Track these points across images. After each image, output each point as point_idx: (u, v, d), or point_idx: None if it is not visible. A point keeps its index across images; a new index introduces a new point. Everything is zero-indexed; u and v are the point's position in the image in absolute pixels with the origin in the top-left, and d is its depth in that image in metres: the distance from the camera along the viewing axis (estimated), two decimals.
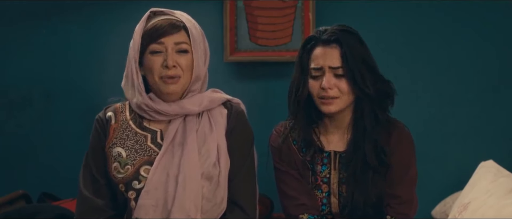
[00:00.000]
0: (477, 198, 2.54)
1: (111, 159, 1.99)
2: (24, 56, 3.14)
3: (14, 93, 3.14)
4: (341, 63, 2.04)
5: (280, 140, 2.16)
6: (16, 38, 3.12)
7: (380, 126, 2.08)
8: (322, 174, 2.14)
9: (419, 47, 3.03)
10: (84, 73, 3.12)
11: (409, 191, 2.11)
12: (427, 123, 3.01)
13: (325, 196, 2.13)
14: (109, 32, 3.09)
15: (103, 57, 3.10)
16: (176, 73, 1.96)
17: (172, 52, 1.95)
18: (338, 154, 2.13)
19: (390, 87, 2.11)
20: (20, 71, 3.14)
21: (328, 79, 2.05)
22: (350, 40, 2.06)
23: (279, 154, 2.17)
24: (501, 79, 3.02)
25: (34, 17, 3.11)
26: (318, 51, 2.08)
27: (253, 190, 2.04)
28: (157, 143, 2.00)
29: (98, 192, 2.01)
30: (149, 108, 1.99)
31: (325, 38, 2.07)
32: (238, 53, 3.03)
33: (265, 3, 3.00)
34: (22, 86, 3.14)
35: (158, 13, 2.01)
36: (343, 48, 2.04)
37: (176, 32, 1.96)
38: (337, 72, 2.06)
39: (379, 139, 2.07)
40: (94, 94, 3.07)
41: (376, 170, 2.06)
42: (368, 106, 2.07)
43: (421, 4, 3.00)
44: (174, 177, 1.93)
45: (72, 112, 3.12)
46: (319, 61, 2.07)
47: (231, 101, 2.09)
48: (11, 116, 3.15)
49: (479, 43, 3.01)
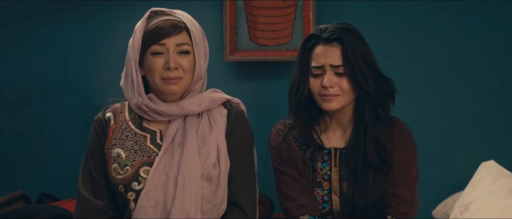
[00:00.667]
0: (479, 198, 2.55)
1: (110, 160, 1.99)
2: (22, 56, 3.12)
3: (12, 93, 3.13)
4: (342, 62, 2.05)
5: (280, 139, 2.16)
6: (13, 38, 3.11)
7: (381, 124, 2.09)
8: (322, 172, 2.14)
9: (420, 47, 3.03)
10: (83, 73, 3.11)
11: (410, 191, 2.11)
12: (428, 122, 3.01)
13: (326, 193, 2.14)
14: (107, 31, 3.08)
15: (102, 56, 3.09)
16: (177, 75, 1.95)
17: (173, 54, 1.94)
18: (338, 150, 2.14)
19: (391, 85, 2.11)
20: (17, 71, 3.12)
21: (329, 78, 2.05)
22: (351, 39, 2.06)
23: (278, 153, 2.16)
24: (503, 79, 3.01)
25: (32, 17, 3.10)
26: (319, 50, 2.08)
27: (253, 191, 2.04)
28: (157, 144, 1.99)
29: (97, 193, 2.00)
30: (149, 109, 1.99)
31: (326, 37, 2.07)
32: (238, 53, 3.02)
33: (265, 3, 3.00)
34: (20, 87, 3.13)
35: (159, 13, 2.00)
36: (344, 46, 2.05)
37: (178, 33, 1.95)
38: (338, 71, 2.06)
39: (380, 137, 2.08)
40: (93, 94, 3.07)
41: (377, 169, 2.06)
42: (369, 104, 2.08)
43: (422, 3, 3.00)
44: (173, 177, 1.92)
45: (71, 112, 3.12)
46: (320, 60, 2.07)
47: (231, 101, 2.09)
48: (9, 116, 3.14)
49: (481, 43, 3.01)
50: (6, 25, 3.11)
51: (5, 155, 3.13)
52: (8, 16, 3.10)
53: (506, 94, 3.01)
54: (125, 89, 2.02)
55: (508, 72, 3.01)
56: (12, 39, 3.12)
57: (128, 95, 2.01)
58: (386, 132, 2.09)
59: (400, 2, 3.00)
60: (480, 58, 3.01)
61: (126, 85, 2.00)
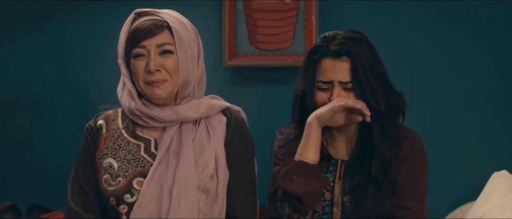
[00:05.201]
0: (491, 211, 2.52)
1: (102, 171, 1.94)
2: (13, 59, 3.12)
3: (1, 98, 3.13)
4: (350, 78, 2.02)
5: (287, 139, 2.15)
6: (4, 41, 3.11)
7: (389, 139, 2.06)
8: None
9: (426, 51, 3.00)
10: (77, 77, 3.11)
11: (419, 202, 2.07)
12: (434, 129, 2.97)
13: (327, 204, 2.10)
14: (103, 33, 3.05)
15: (98, 60, 3.08)
16: (160, 77, 1.91)
17: (155, 56, 1.90)
18: (344, 162, 2.11)
19: (402, 99, 2.09)
20: (8, 74, 3.13)
21: (338, 94, 2.02)
22: (360, 51, 2.02)
23: (282, 155, 2.13)
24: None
25: (26, 18, 3.10)
26: (326, 64, 2.04)
27: (253, 204, 1.99)
28: (151, 153, 1.95)
29: (87, 206, 1.95)
30: (143, 114, 1.95)
31: (335, 50, 2.03)
32: (237, 58, 3.01)
33: (265, 5, 2.98)
34: (10, 91, 3.13)
35: (142, 14, 1.96)
36: (353, 60, 2.01)
37: (159, 33, 1.91)
38: (346, 87, 2.03)
39: (386, 153, 2.04)
40: (88, 100, 3.05)
41: (378, 186, 2.03)
42: (376, 121, 2.04)
43: (428, 5, 2.98)
44: (168, 190, 1.87)
45: (64, 118, 3.11)
46: (328, 75, 2.03)
47: (231, 109, 2.04)
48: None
49: (493, 44, 2.98)
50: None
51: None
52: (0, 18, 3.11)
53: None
54: (121, 95, 1.99)
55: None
56: (2, 42, 3.11)
57: (123, 100, 1.98)
58: (393, 145, 2.06)
59: (406, 5, 2.98)
60: (490, 61, 2.99)
61: (122, 91, 1.98)
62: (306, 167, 2.02)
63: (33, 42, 3.10)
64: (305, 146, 2.03)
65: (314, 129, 2.02)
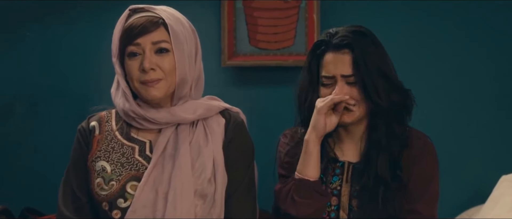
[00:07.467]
0: (501, 215, 2.51)
1: (94, 174, 1.91)
2: (7, 61, 3.10)
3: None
4: (352, 71, 2.00)
5: (292, 143, 2.13)
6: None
7: (397, 140, 2.04)
8: (332, 185, 2.09)
9: (431, 51, 3.00)
10: (72, 79, 3.08)
11: (430, 207, 2.06)
12: (440, 131, 2.93)
13: (333, 209, 2.08)
14: (99, 35, 2.96)
15: (93, 61, 3.06)
16: (155, 76, 1.87)
17: (150, 54, 1.87)
18: (351, 165, 2.09)
19: (408, 97, 2.07)
20: (2, 76, 3.10)
21: (341, 89, 2.01)
22: (363, 44, 2.01)
23: (288, 160, 2.12)
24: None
25: (19, 21, 3.08)
26: (329, 58, 2.03)
27: (252, 209, 1.96)
28: (146, 156, 1.92)
29: (79, 211, 1.93)
30: (137, 116, 1.92)
31: (336, 43, 2.02)
32: (237, 58, 2.98)
33: (266, 4, 2.97)
34: (5, 93, 3.10)
35: (138, 10, 1.93)
36: (354, 53, 2.00)
37: (154, 30, 1.87)
38: (349, 80, 2.02)
39: (394, 153, 2.03)
40: (83, 102, 2.94)
41: (388, 187, 2.01)
42: (381, 118, 2.03)
43: (432, 4, 2.98)
44: (163, 194, 1.84)
45: (59, 120, 3.07)
46: (331, 69, 2.02)
47: (230, 110, 2.02)
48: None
49: (499, 45, 2.98)
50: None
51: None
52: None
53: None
54: (115, 96, 1.97)
55: None
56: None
57: (117, 101, 1.96)
58: (403, 146, 2.05)
59: (410, 4, 2.98)
60: (497, 62, 2.99)
61: (116, 92, 1.96)
62: (307, 185, 2.02)
63: (28, 44, 3.09)
64: (305, 163, 2.03)
65: (312, 145, 2.02)
